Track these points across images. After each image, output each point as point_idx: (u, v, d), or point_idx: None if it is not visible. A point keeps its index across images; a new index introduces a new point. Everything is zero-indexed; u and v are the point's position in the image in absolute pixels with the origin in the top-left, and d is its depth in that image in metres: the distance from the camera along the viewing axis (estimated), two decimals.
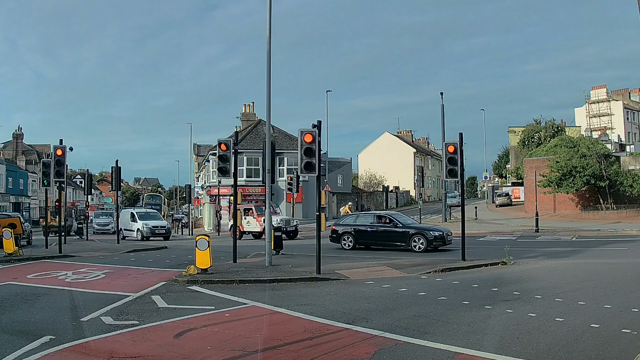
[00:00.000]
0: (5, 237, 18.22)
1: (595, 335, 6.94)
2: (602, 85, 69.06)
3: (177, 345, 6.90)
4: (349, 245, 20.36)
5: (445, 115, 38.22)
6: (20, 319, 8.47)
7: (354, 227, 20.61)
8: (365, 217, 21.53)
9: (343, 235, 20.68)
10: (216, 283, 11.98)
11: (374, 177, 69.56)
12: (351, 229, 20.62)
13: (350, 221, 21.35)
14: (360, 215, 22.27)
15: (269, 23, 15.45)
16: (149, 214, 35.94)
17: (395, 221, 19.94)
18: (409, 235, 19.18)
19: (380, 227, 20.00)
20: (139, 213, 34.86)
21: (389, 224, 19.96)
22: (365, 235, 20.28)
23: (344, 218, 22.06)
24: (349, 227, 20.76)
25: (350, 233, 20.51)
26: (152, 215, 35.72)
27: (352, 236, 20.44)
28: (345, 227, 20.95)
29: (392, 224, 19.85)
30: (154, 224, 33.40)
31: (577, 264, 15.08)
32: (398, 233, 19.53)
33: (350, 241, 20.40)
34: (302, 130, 13.24)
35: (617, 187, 36.51)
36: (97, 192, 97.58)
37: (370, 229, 20.25)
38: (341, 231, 20.88)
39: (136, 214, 34.36)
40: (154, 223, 33.60)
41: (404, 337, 6.94)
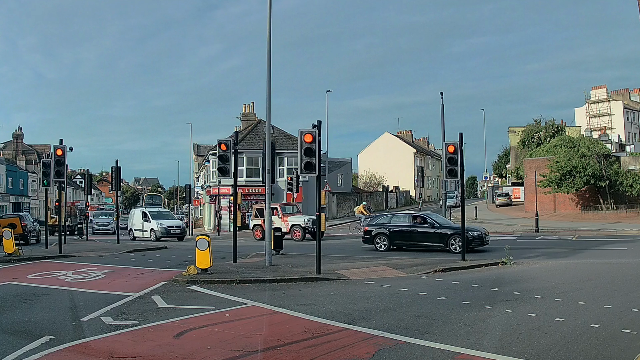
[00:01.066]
0: (5, 237, 18.23)
1: (595, 335, 6.94)
2: (602, 85, 69.09)
3: (177, 345, 6.90)
4: (383, 247, 19.68)
5: (445, 115, 38.05)
6: (20, 319, 8.47)
7: (389, 228, 19.92)
8: (400, 217, 20.88)
9: (377, 236, 19.97)
10: (216, 283, 11.99)
11: (374, 177, 69.57)
12: (386, 229, 19.91)
13: (384, 221, 20.59)
14: (395, 215, 21.53)
15: (269, 23, 15.45)
16: (161, 213, 34.31)
17: (432, 221, 19.35)
18: (447, 236, 18.59)
19: (417, 228, 19.33)
20: (151, 212, 33.10)
21: (426, 224, 19.33)
22: (401, 236, 19.61)
23: (377, 218, 21.37)
24: (384, 228, 20.02)
25: (384, 234, 19.84)
26: (165, 215, 34.30)
27: (387, 237, 19.74)
28: (379, 227, 20.19)
29: (429, 225, 19.23)
30: (168, 223, 32.02)
31: (577, 264, 15.08)
32: (435, 234, 18.91)
33: (385, 242, 19.72)
34: (302, 130, 13.24)
35: (617, 187, 36.50)
36: (97, 192, 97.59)
37: (406, 229, 19.60)
38: (375, 232, 20.15)
39: (149, 214, 32.72)
40: (169, 223, 32.23)
41: (404, 337, 6.94)
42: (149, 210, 33.61)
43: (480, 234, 18.70)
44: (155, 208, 35.95)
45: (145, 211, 33.49)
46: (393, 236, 19.73)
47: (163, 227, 31.25)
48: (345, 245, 23.85)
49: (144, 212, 33.42)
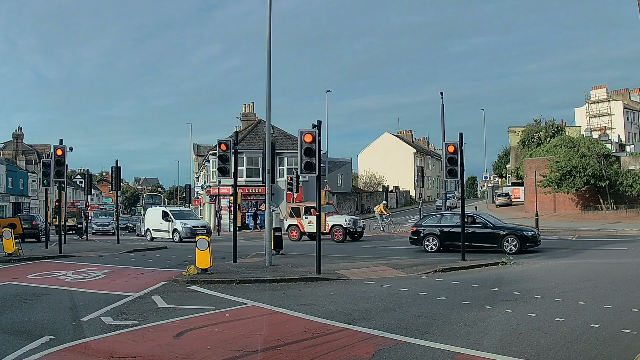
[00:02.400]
0: (5, 237, 18.22)
1: (595, 335, 6.94)
2: (602, 85, 69.14)
3: (177, 345, 6.90)
4: (433, 248, 19.07)
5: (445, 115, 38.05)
6: (20, 319, 8.46)
7: (440, 228, 19.28)
8: (450, 217, 20.27)
9: (427, 237, 19.33)
10: (216, 283, 11.99)
11: (374, 177, 69.57)
12: (437, 230, 19.28)
13: (434, 222, 19.92)
14: (445, 215, 20.96)
15: (269, 23, 15.45)
16: (183, 212, 32.23)
17: (484, 221, 18.84)
18: (501, 236, 18.09)
19: (470, 228, 18.47)
20: (173, 212, 30.99)
21: (479, 224, 18.77)
22: (453, 236, 18.81)
23: (426, 218, 20.63)
24: (434, 229, 19.39)
25: (434, 234, 19.24)
26: (187, 214, 32.15)
27: (437, 238, 19.15)
28: (429, 228, 19.53)
29: (482, 225, 18.68)
30: (193, 223, 29.95)
31: (577, 264, 15.08)
32: (489, 234, 18.37)
33: (435, 243, 19.13)
34: (302, 130, 13.24)
35: (617, 187, 36.51)
36: (97, 192, 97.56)
37: (458, 229, 18.34)
38: (424, 232, 19.51)
39: (171, 213, 30.53)
40: (194, 222, 30.24)
41: (404, 337, 6.94)
42: (171, 210, 31.66)
43: (534, 233, 18.27)
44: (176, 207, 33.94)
45: (166, 210, 31.46)
46: (444, 237, 19.11)
47: (188, 227, 29.05)
48: (345, 245, 23.86)
49: (164, 211, 31.26)
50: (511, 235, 17.89)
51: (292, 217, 28.21)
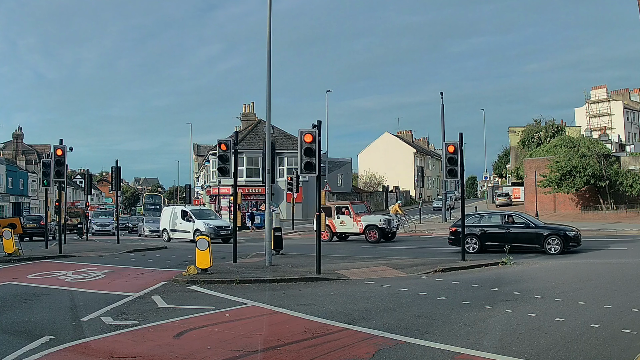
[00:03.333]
0: (5, 237, 18.22)
1: (595, 335, 6.94)
2: (602, 85, 69.16)
3: (177, 345, 6.90)
4: (474, 248, 18.45)
5: (445, 115, 38.24)
6: (20, 319, 8.46)
7: (480, 229, 18.75)
8: (491, 217, 19.84)
9: (466, 238, 18.32)
10: (216, 283, 11.99)
11: (374, 177, 69.60)
12: (478, 230, 18.73)
13: (474, 222, 19.32)
14: (485, 215, 20.46)
15: (269, 23, 15.46)
16: (204, 211, 30.57)
17: (526, 221, 18.37)
18: (543, 236, 17.57)
19: (512, 228, 18.19)
20: (193, 211, 29.44)
21: (520, 224, 18.29)
22: (494, 237, 18.40)
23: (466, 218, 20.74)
24: (475, 229, 18.80)
25: (475, 235, 18.68)
26: (208, 213, 30.54)
27: (478, 238, 18.60)
28: (469, 228, 18.68)
29: (524, 225, 18.17)
30: (217, 223, 28.22)
31: (577, 264, 15.08)
32: (531, 234, 17.84)
33: (475, 243, 18.56)
34: (302, 130, 13.24)
35: (617, 187, 36.53)
36: (97, 192, 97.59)
37: (500, 230, 18.43)
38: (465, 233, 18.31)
39: (191, 212, 28.89)
40: (217, 223, 28.48)
41: (404, 337, 6.94)
42: (191, 209, 29.97)
43: (576, 233, 17.79)
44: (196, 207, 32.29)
45: (185, 209, 29.63)
46: (485, 237, 18.60)
47: (211, 227, 27.24)
48: (345, 245, 23.86)
49: (184, 210, 29.51)
50: (554, 236, 17.41)
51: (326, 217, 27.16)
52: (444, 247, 21.97)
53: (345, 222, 25.62)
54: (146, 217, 43.20)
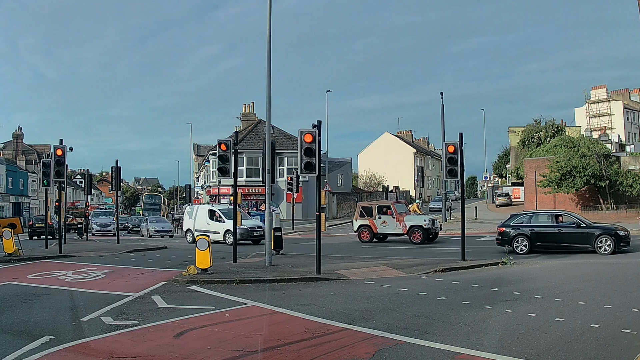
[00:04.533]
0: (5, 237, 18.22)
1: (595, 335, 6.94)
2: (602, 85, 69.12)
3: (177, 345, 6.90)
4: (523, 249, 17.87)
5: (445, 115, 38.20)
6: (20, 319, 8.47)
7: (530, 229, 18.13)
8: (541, 216, 19.19)
9: (516, 238, 18.14)
10: (216, 283, 11.99)
11: (374, 177, 69.59)
12: (528, 230, 18.12)
13: (523, 221, 18.72)
14: (534, 214, 19.75)
15: (269, 23, 15.46)
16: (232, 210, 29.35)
17: (576, 220, 17.85)
18: (595, 236, 17.08)
19: (562, 229, 17.63)
20: (222, 210, 27.19)
21: (572, 224, 17.78)
22: (545, 237, 17.88)
23: (514, 218, 19.38)
24: (525, 229, 18.20)
25: (525, 235, 18.07)
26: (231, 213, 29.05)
27: (528, 238, 17.98)
28: (518, 228, 18.35)
29: (574, 224, 17.65)
30: (249, 224, 26.37)
31: (577, 264, 15.08)
32: (582, 234, 17.33)
33: (525, 244, 17.95)
34: (302, 130, 13.25)
35: (617, 187, 36.52)
36: (97, 192, 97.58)
37: (550, 230, 17.86)
38: (514, 233, 18.33)
39: (220, 212, 26.90)
40: (250, 223, 26.70)
41: (404, 337, 6.94)
42: (219, 208, 27.95)
43: (627, 233, 17.42)
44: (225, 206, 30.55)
45: (213, 209, 27.79)
46: (535, 238, 18.01)
47: (244, 228, 25.00)
48: (345, 245, 23.85)
49: (211, 210, 27.58)
50: (605, 235, 16.99)
51: (362, 217, 25.57)
52: (444, 247, 21.98)
53: (387, 223, 24.62)
54: (150, 217, 42.77)
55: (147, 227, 37.32)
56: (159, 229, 36.74)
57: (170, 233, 37.16)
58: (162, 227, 37.41)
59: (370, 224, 25.12)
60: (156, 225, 37.58)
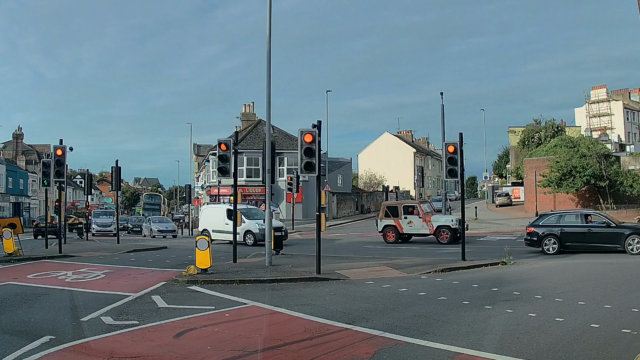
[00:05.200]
0: (5, 237, 18.21)
1: (595, 335, 6.94)
2: (602, 85, 69.13)
3: (177, 345, 6.90)
4: (553, 249, 17.63)
5: (445, 115, 38.04)
6: (20, 319, 8.46)
7: (560, 229, 17.81)
8: (570, 216, 18.80)
9: (545, 238, 17.84)
10: (216, 283, 11.99)
11: (374, 177, 69.57)
12: (557, 230, 17.80)
13: (553, 221, 18.36)
14: (564, 214, 19.27)
15: (269, 23, 15.45)
16: (251, 210, 26.99)
17: (606, 220, 17.60)
18: (625, 235, 16.85)
19: (592, 228, 17.41)
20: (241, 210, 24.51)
21: (601, 223, 17.53)
22: (575, 237, 17.60)
23: (542, 218, 19.09)
24: (554, 229, 17.88)
25: (554, 235, 17.77)
26: (256, 212, 26.83)
27: (557, 239, 17.69)
28: (548, 228, 18.01)
29: (604, 224, 17.40)
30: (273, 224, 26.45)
31: (577, 264, 15.08)
32: (612, 234, 17.13)
33: (554, 244, 17.70)
34: (302, 130, 13.25)
35: (617, 187, 36.54)
36: (97, 192, 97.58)
37: (580, 229, 17.59)
38: (543, 233, 18.02)
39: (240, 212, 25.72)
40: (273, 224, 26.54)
41: (404, 337, 6.94)
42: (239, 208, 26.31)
43: None
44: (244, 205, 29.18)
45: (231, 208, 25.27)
46: (565, 238, 17.70)
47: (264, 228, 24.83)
48: (345, 245, 23.84)
49: (229, 209, 25.52)
50: (635, 235, 16.78)
51: (387, 217, 24.95)
52: (444, 247, 21.98)
53: (413, 223, 24.13)
54: (152, 217, 42.42)
55: (150, 227, 37.06)
56: (163, 229, 36.46)
57: (173, 233, 36.96)
58: (165, 227, 37.14)
59: (395, 224, 24.64)
60: (160, 225, 37.32)
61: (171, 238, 34.70)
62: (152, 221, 38.76)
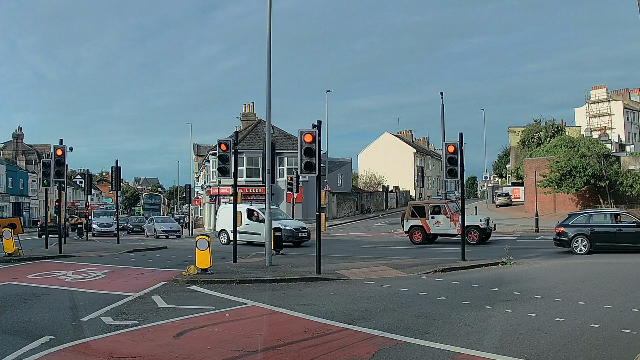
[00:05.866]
0: (5, 237, 18.21)
1: (595, 335, 6.94)
2: (602, 85, 69.11)
3: (177, 345, 6.90)
4: (582, 250, 17.40)
5: (445, 115, 38.14)
6: (20, 319, 8.46)
7: (590, 229, 17.59)
8: (599, 216, 18.59)
9: (576, 238, 17.63)
10: (216, 283, 11.99)
11: (374, 177, 69.54)
12: (587, 230, 17.57)
13: (582, 221, 18.13)
14: (593, 214, 19.05)
15: (269, 23, 15.46)
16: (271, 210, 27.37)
17: (637, 220, 17.43)
18: None
19: (622, 228, 17.20)
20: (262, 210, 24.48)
21: (631, 223, 17.35)
22: (605, 237, 17.39)
23: (572, 218, 18.78)
24: (584, 229, 17.64)
25: (584, 235, 17.55)
26: (277, 212, 25.83)
27: (587, 239, 17.45)
28: (578, 228, 17.78)
29: (635, 224, 17.22)
30: (294, 225, 24.62)
31: (577, 264, 15.08)
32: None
33: (584, 244, 17.45)
34: (302, 130, 13.24)
35: (617, 187, 36.53)
36: (97, 192, 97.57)
37: (610, 229, 17.38)
38: (573, 233, 17.78)
39: (260, 212, 24.84)
40: (294, 224, 24.95)
41: (404, 337, 6.94)
42: (259, 208, 25.51)
43: None
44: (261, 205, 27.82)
45: (252, 208, 25.57)
46: (595, 237, 17.48)
47: (289, 229, 23.58)
48: (345, 245, 23.84)
49: (250, 209, 25.24)
50: None
51: (414, 217, 24.43)
52: (444, 247, 21.99)
53: (441, 223, 23.75)
54: (155, 217, 42.21)
55: (154, 228, 36.72)
56: (167, 229, 36.19)
57: (178, 233, 36.74)
58: (170, 227, 36.92)
59: (422, 224, 24.17)
60: (164, 225, 37.08)
61: (175, 238, 34.58)
62: (155, 221, 38.47)
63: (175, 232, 36.54)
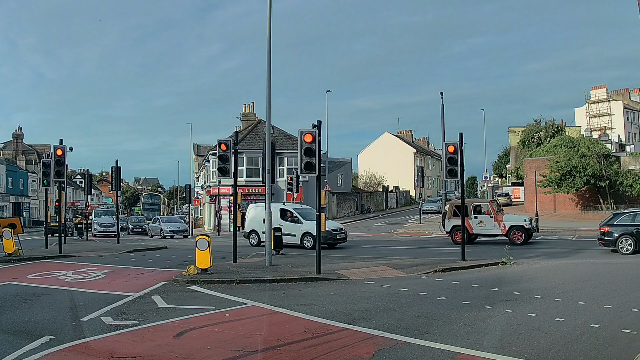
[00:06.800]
0: (5, 237, 18.21)
1: (595, 335, 6.94)
2: (602, 85, 69.09)
3: (177, 345, 6.90)
4: (628, 249, 17.04)
5: (445, 115, 38.18)
6: (20, 319, 8.46)
7: (637, 228, 17.23)
8: None
9: (621, 238, 17.32)
10: (216, 283, 11.99)
11: (374, 177, 69.54)
12: (633, 229, 17.22)
13: (628, 221, 17.78)
14: (637, 213, 18.50)
15: (269, 23, 15.46)
16: (305, 210, 24.52)
17: None
18: None
19: None
20: (297, 210, 24.09)
21: None
22: None
23: (617, 217, 18.45)
24: (630, 228, 17.32)
25: (630, 234, 17.22)
26: (309, 212, 23.87)
27: (633, 238, 17.10)
28: (623, 227, 17.46)
29: None
30: (331, 226, 23.06)
31: (577, 264, 15.08)
32: None
33: (630, 244, 17.13)
34: (302, 130, 13.25)
35: (617, 187, 36.55)
36: (97, 192, 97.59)
37: None
38: (619, 233, 17.40)
39: (295, 212, 23.67)
40: (332, 225, 23.35)
41: (404, 337, 6.94)
42: (293, 207, 24.42)
43: None
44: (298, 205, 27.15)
45: (286, 208, 24.19)
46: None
47: (327, 230, 21.44)
48: (344, 245, 23.82)
49: (283, 209, 23.91)
50: None
51: (456, 217, 23.36)
52: (444, 247, 22.00)
53: (484, 223, 23.20)
54: (161, 217, 41.88)
55: (160, 228, 36.24)
56: (175, 229, 35.75)
57: (185, 233, 36.39)
58: (177, 227, 36.58)
59: (466, 225, 22.41)
60: (171, 225, 36.64)
61: (182, 239, 34.40)
62: (161, 221, 38.03)
63: (183, 232, 36.11)
